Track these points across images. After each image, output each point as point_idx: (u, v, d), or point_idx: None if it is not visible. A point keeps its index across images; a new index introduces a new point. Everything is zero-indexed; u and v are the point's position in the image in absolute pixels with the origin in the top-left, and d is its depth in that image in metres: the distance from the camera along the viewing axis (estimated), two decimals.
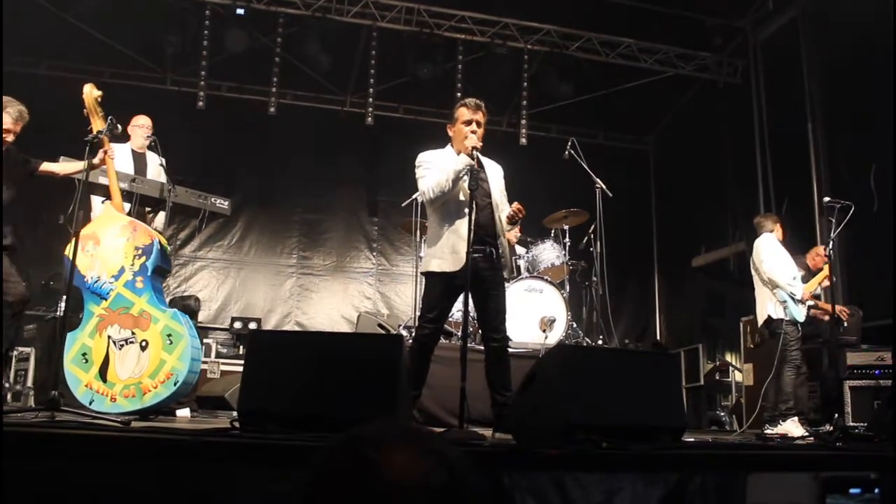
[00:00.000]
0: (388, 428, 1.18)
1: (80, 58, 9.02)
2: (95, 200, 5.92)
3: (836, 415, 5.67)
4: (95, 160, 4.85)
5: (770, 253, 6.41)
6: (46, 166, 5.14)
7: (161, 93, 9.37)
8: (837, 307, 6.51)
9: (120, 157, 5.78)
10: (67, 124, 6.02)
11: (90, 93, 4.88)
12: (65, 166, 5.20)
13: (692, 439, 4.43)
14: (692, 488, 3.12)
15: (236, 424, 3.28)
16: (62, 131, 6.34)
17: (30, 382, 6.74)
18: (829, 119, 8.33)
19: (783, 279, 6.25)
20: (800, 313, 6.24)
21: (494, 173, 4.65)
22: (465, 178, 4.32)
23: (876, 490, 0.89)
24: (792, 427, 5.86)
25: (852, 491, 0.88)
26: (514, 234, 7.12)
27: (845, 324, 6.76)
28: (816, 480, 0.80)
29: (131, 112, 6.37)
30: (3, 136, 4.79)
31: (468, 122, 4.47)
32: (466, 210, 4.23)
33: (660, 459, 3.21)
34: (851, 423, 6.16)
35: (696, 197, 10.17)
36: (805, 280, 6.51)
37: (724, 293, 10.02)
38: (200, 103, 9.04)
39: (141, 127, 6.29)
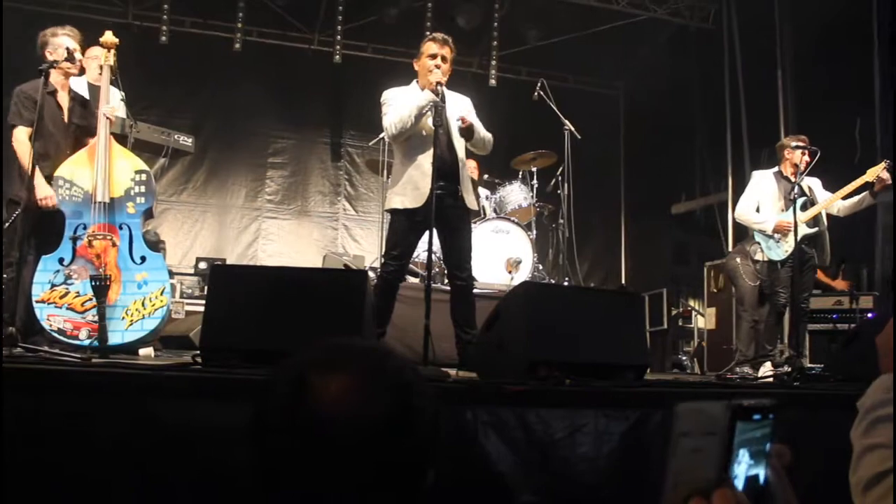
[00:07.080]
0: (340, 347, 1.07)
1: None
2: None
3: (795, 356, 5.77)
4: None
5: (747, 190, 6.13)
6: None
7: (122, 27, 9.06)
8: None
9: (77, 90, 5.57)
10: (25, 59, 5.82)
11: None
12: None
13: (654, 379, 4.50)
14: (653, 424, 3.18)
15: (198, 359, 3.26)
16: (19, 64, 6.14)
17: None
18: (800, 66, 8.30)
19: (748, 217, 6.01)
20: (776, 252, 5.87)
21: (460, 108, 4.56)
22: (429, 113, 4.27)
23: (771, 416, 0.92)
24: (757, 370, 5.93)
25: (754, 417, 0.91)
26: (473, 169, 7.06)
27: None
28: (728, 409, 0.82)
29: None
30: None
31: (433, 56, 4.42)
32: (429, 146, 4.19)
33: (622, 396, 3.26)
34: (809, 365, 6.28)
35: (665, 143, 10.14)
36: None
37: (689, 241, 10.09)
38: (163, 38, 8.78)
39: (96, 58, 5.71)
